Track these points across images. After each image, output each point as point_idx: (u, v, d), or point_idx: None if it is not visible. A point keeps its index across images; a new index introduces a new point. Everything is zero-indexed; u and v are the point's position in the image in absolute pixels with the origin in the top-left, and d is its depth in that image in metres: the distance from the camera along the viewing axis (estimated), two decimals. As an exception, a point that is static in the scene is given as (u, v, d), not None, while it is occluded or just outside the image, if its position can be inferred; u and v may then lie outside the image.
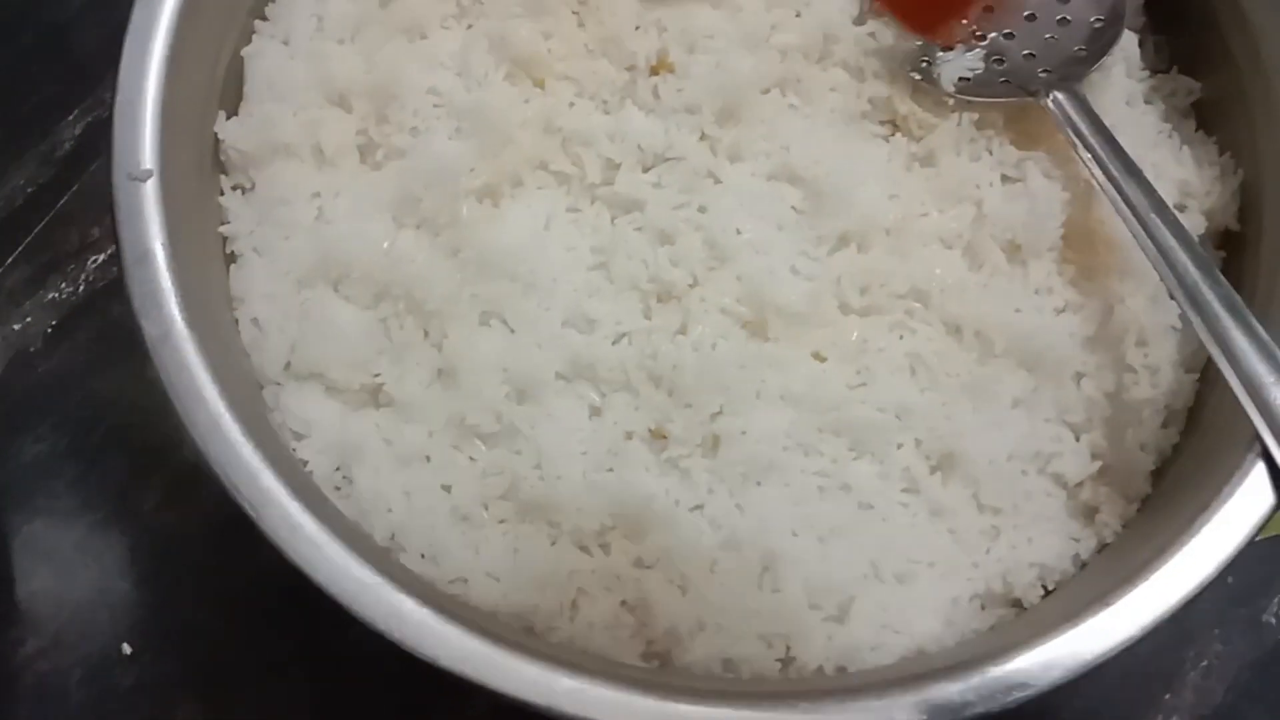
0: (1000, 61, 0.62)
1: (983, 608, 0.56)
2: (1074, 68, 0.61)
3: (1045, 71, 0.61)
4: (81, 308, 0.73)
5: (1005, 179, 0.60)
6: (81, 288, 0.74)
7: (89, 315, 0.73)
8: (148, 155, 0.54)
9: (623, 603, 0.54)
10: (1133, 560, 0.53)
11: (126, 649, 0.67)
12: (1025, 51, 0.62)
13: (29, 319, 0.73)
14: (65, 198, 0.75)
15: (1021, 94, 0.61)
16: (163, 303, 0.51)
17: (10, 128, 0.76)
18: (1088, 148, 0.58)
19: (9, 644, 0.67)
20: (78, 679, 0.67)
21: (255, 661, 0.66)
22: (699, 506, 0.55)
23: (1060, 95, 0.60)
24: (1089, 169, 0.58)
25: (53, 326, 0.73)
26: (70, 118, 0.77)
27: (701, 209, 0.59)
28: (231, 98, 0.62)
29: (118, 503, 0.69)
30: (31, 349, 0.72)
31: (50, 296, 0.73)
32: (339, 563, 0.48)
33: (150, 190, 0.53)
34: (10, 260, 0.74)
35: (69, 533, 0.69)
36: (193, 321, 0.52)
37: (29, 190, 0.75)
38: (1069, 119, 0.59)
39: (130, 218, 0.52)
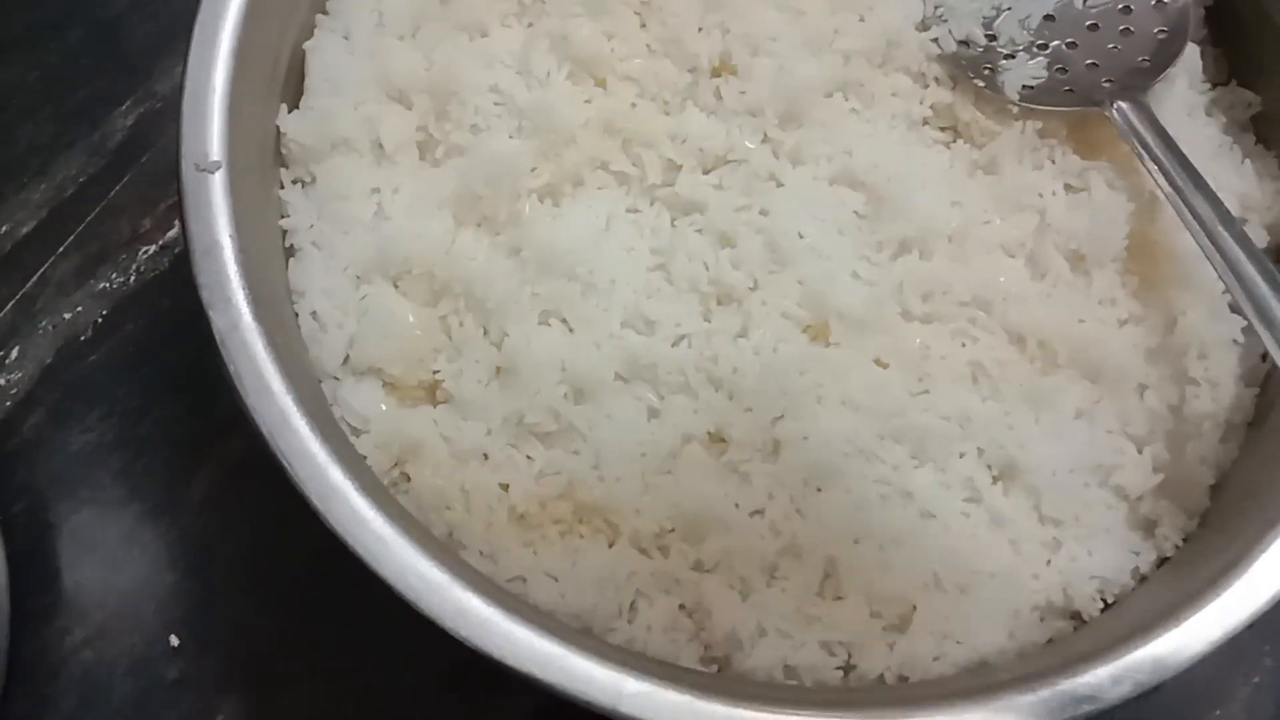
0: (1063, 70, 0.62)
1: (1041, 619, 0.56)
2: (1137, 78, 0.61)
3: (1109, 81, 0.61)
4: (131, 298, 0.73)
5: (1068, 188, 0.60)
6: (132, 278, 0.74)
7: (139, 306, 0.73)
8: (215, 147, 0.54)
9: (681, 606, 0.54)
10: (1195, 576, 0.53)
11: (174, 640, 0.67)
12: (1088, 61, 0.62)
13: (79, 309, 0.73)
14: (116, 189, 0.75)
15: (1085, 103, 0.60)
16: (231, 295, 0.51)
17: (61, 120, 0.76)
18: (1153, 158, 0.57)
19: (55, 634, 0.67)
20: (123, 670, 0.66)
21: (301, 657, 0.66)
22: (759, 511, 0.55)
23: (1124, 105, 0.59)
24: (1154, 180, 0.57)
25: (102, 316, 0.73)
26: (122, 109, 0.77)
27: (763, 212, 0.59)
28: (293, 91, 0.62)
29: (165, 494, 0.69)
30: (81, 338, 0.72)
31: (101, 287, 0.73)
32: (405, 559, 0.48)
33: (218, 181, 0.53)
34: (61, 250, 0.74)
35: (116, 524, 0.69)
36: (259, 314, 0.51)
37: (80, 180, 0.75)
38: (1133, 129, 0.59)
39: (198, 208, 0.52)
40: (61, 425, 0.70)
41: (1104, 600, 0.56)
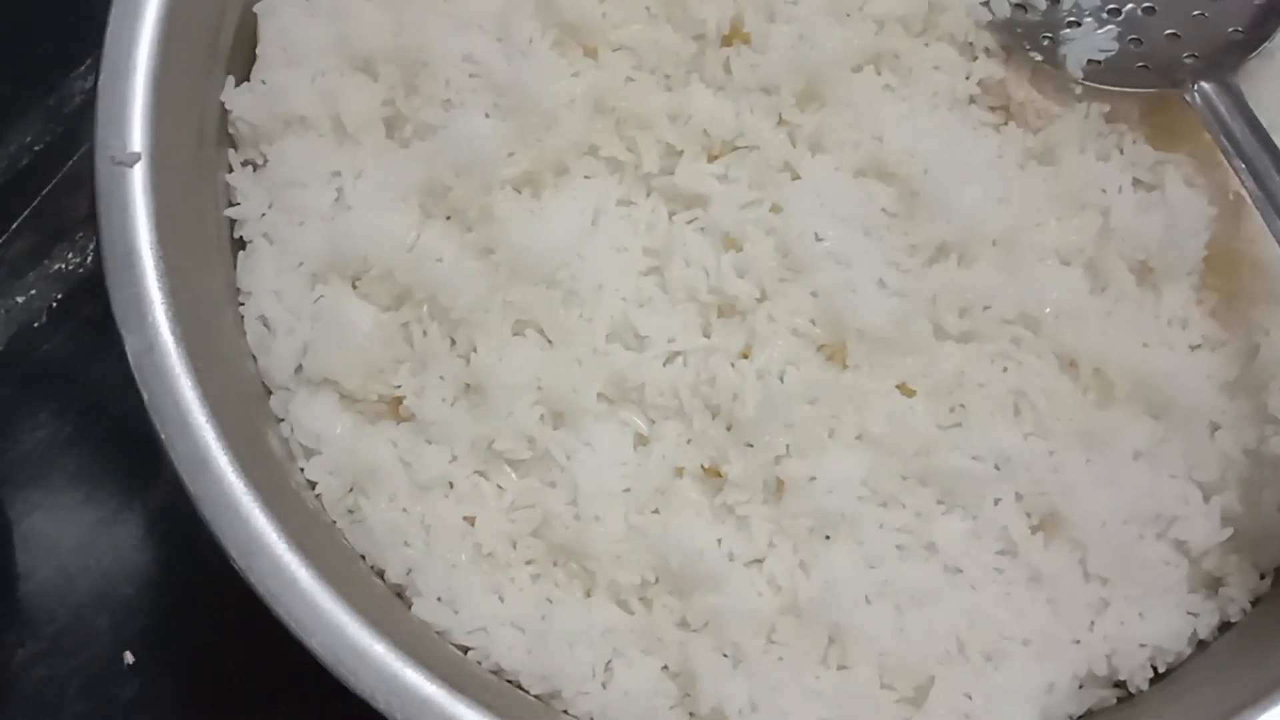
0: (1138, 42, 0.52)
1: (1080, 688, 0.49)
2: (1227, 54, 0.52)
3: (1191, 57, 0.52)
4: (90, 281, 0.68)
5: (1138, 184, 0.52)
6: (90, 259, 0.68)
7: (98, 289, 0.64)
8: (136, 134, 0.47)
9: (664, 668, 0.48)
10: (1266, 651, 0.46)
11: (129, 658, 0.62)
12: (1168, 30, 0.52)
13: (33, 292, 0.67)
14: (74, 159, 0.69)
15: (1162, 83, 0.52)
16: (147, 311, 0.45)
17: (13, 82, 0.70)
18: (1240, 155, 0.49)
19: (6, 646, 0.62)
20: (76, 689, 0.62)
21: (265, 683, 0.60)
22: (757, 561, 0.48)
23: (1208, 87, 0.50)
24: (1240, 178, 0.49)
25: (58, 301, 0.67)
26: (80, 70, 0.70)
27: (775, 209, 0.51)
28: (241, 61, 0.55)
29: (124, 499, 0.64)
30: (35, 325, 0.67)
31: (56, 268, 0.68)
32: (335, 626, 0.42)
33: (138, 177, 0.46)
34: (14, 227, 0.68)
35: (70, 529, 0.64)
36: (183, 332, 0.45)
37: (35, 149, 0.69)
38: (1219, 116, 0.50)
39: (112, 210, 0.46)
40: (12, 421, 0.65)
41: (1154, 669, 0.49)
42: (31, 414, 0.65)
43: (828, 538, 0.48)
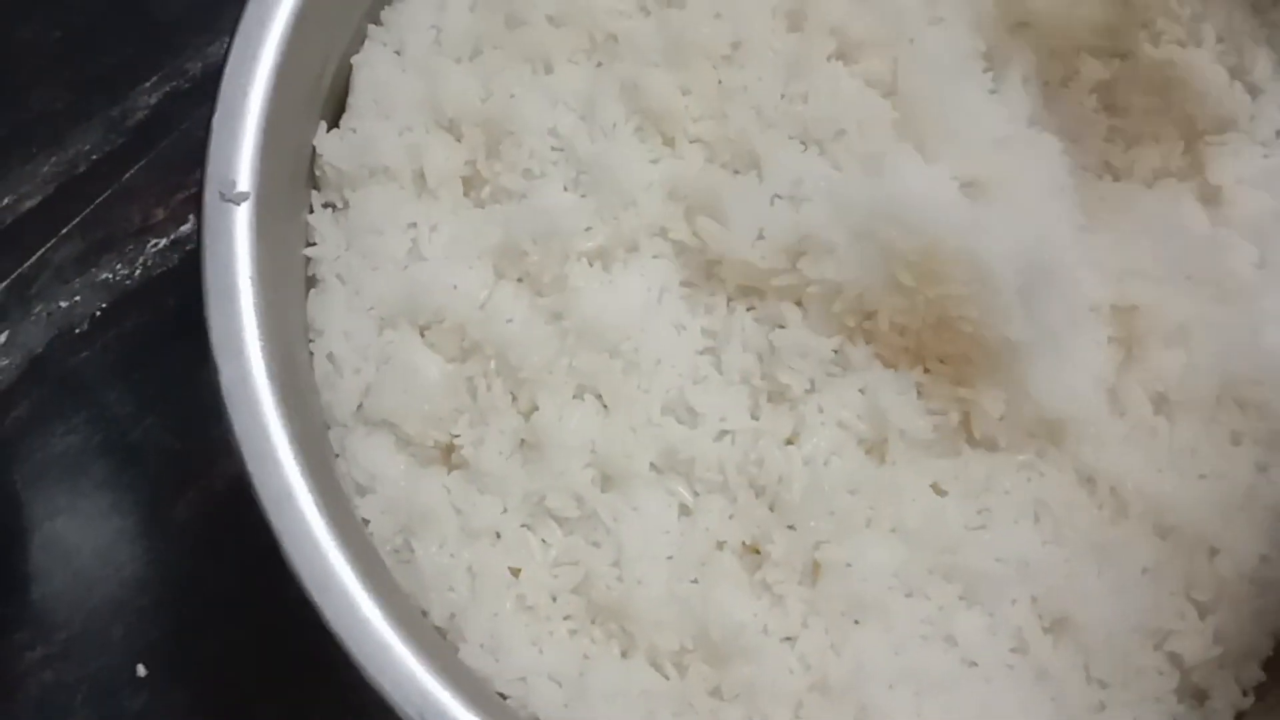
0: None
1: (1073, 783, 0.52)
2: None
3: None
4: (135, 294, 0.69)
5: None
6: (138, 272, 0.69)
7: (142, 303, 0.68)
8: (244, 176, 0.49)
9: (694, 732, 0.50)
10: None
11: (141, 670, 0.63)
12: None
13: (77, 298, 0.68)
14: (131, 171, 0.70)
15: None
16: (244, 346, 0.46)
17: (79, 88, 0.71)
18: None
19: (15, 646, 0.63)
20: (83, 696, 0.62)
21: (278, 708, 0.62)
22: (790, 639, 0.51)
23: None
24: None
25: (102, 310, 0.68)
26: (147, 85, 0.71)
27: (829, 305, 0.54)
28: (334, 107, 0.57)
29: (148, 512, 0.65)
30: (76, 331, 0.68)
31: (103, 277, 0.69)
32: (407, 669, 0.43)
33: (244, 216, 0.48)
34: (64, 232, 0.69)
35: (92, 536, 0.65)
36: (273, 368, 0.47)
37: (93, 158, 0.70)
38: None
39: (218, 244, 0.47)
40: (45, 423, 0.66)
41: (1141, 772, 0.53)
42: (65, 418, 0.66)
43: (857, 622, 0.51)
